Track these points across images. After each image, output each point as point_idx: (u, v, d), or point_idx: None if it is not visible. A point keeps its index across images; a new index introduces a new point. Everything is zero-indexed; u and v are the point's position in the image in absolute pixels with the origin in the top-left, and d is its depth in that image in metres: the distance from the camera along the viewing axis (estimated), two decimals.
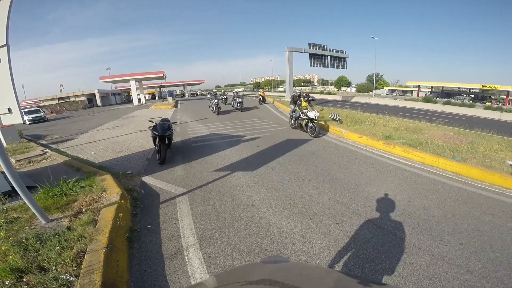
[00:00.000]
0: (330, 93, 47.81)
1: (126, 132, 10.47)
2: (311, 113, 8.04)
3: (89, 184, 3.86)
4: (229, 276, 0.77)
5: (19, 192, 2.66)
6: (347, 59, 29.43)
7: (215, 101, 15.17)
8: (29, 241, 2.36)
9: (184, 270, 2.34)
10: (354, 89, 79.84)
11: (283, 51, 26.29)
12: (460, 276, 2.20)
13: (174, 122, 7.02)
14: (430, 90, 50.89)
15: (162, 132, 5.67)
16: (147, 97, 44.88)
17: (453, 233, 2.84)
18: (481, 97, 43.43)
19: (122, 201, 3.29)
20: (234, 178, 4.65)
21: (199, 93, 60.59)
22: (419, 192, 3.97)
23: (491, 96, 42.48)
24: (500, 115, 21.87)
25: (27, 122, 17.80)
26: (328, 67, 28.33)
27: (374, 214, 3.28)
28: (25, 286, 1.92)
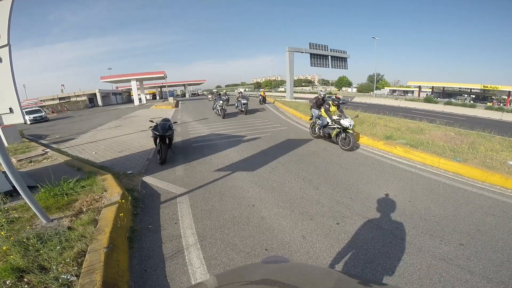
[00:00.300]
0: (330, 93, 47.74)
1: (127, 132, 10.49)
2: (345, 121, 6.35)
3: (90, 184, 3.87)
4: (230, 276, 0.77)
5: (20, 191, 2.66)
6: (348, 59, 29.48)
7: (220, 103, 13.79)
8: (30, 241, 2.37)
9: (184, 270, 2.34)
10: (355, 89, 79.83)
11: (283, 51, 26.39)
12: (461, 276, 2.19)
13: (175, 122, 7.04)
14: (431, 90, 50.82)
15: (163, 132, 5.67)
16: (148, 97, 44.91)
17: (453, 234, 2.83)
18: (482, 97, 43.36)
19: (123, 201, 3.29)
20: (234, 178, 4.65)
21: (200, 93, 60.68)
22: (419, 192, 3.96)
23: (492, 97, 42.39)
24: (501, 116, 21.84)
25: (28, 122, 17.86)
26: (328, 67, 28.42)
27: (375, 214, 3.28)
28: (26, 286, 1.92)
